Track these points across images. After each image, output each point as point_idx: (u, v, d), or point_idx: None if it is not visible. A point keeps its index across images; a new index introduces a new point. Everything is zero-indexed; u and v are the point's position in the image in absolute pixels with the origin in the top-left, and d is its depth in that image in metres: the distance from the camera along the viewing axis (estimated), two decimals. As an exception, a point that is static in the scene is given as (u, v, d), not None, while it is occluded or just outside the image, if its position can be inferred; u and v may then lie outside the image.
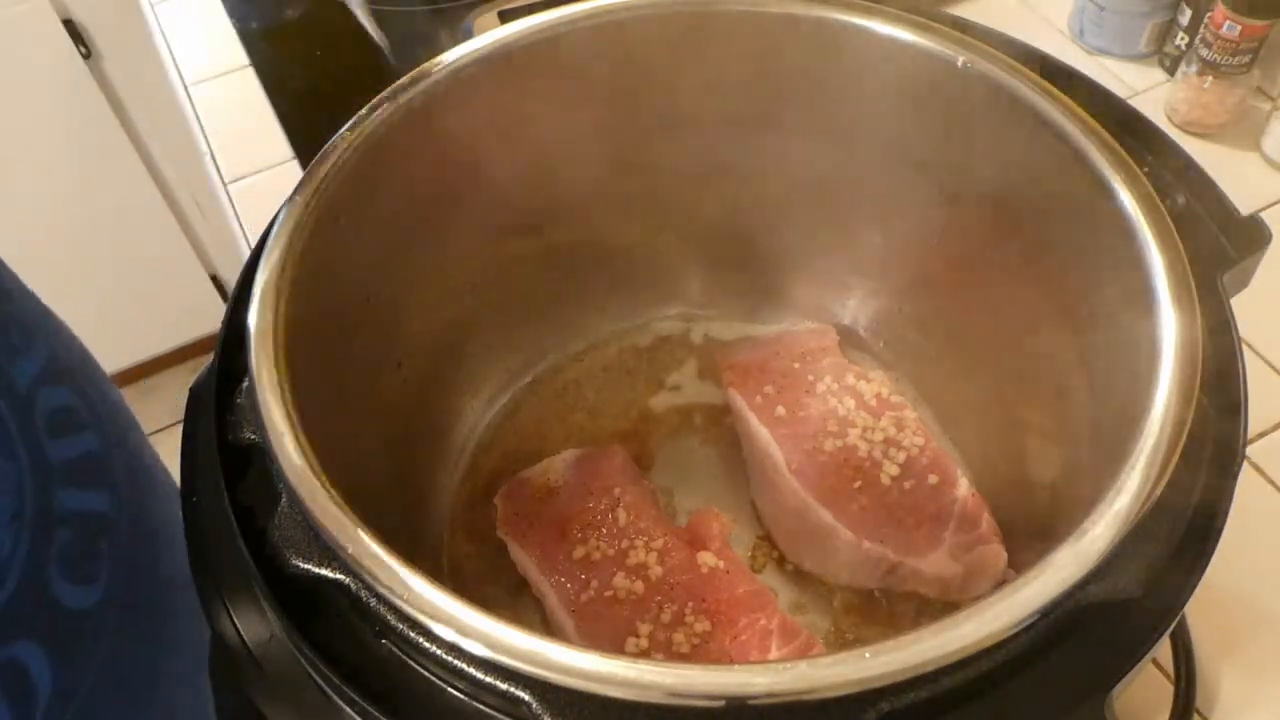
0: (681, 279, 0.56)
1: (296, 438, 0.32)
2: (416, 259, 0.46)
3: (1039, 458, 0.44)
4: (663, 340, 0.56)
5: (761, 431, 0.47)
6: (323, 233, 0.38)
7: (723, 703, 0.26)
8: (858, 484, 0.45)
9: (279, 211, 0.38)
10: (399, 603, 0.28)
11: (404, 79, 0.42)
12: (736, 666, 0.26)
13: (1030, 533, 0.44)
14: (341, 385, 0.39)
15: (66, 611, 0.38)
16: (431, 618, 0.27)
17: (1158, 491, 0.29)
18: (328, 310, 0.39)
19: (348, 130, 0.41)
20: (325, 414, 0.35)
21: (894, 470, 0.46)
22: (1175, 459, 0.29)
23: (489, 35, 0.44)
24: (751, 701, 0.26)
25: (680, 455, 0.52)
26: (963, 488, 0.45)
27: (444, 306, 0.49)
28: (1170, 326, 0.32)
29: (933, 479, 0.45)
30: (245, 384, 0.34)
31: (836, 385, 0.49)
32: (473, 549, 0.48)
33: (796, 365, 0.50)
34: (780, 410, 0.48)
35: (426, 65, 0.43)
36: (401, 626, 0.28)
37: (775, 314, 0.55)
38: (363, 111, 0.41)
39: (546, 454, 0.49)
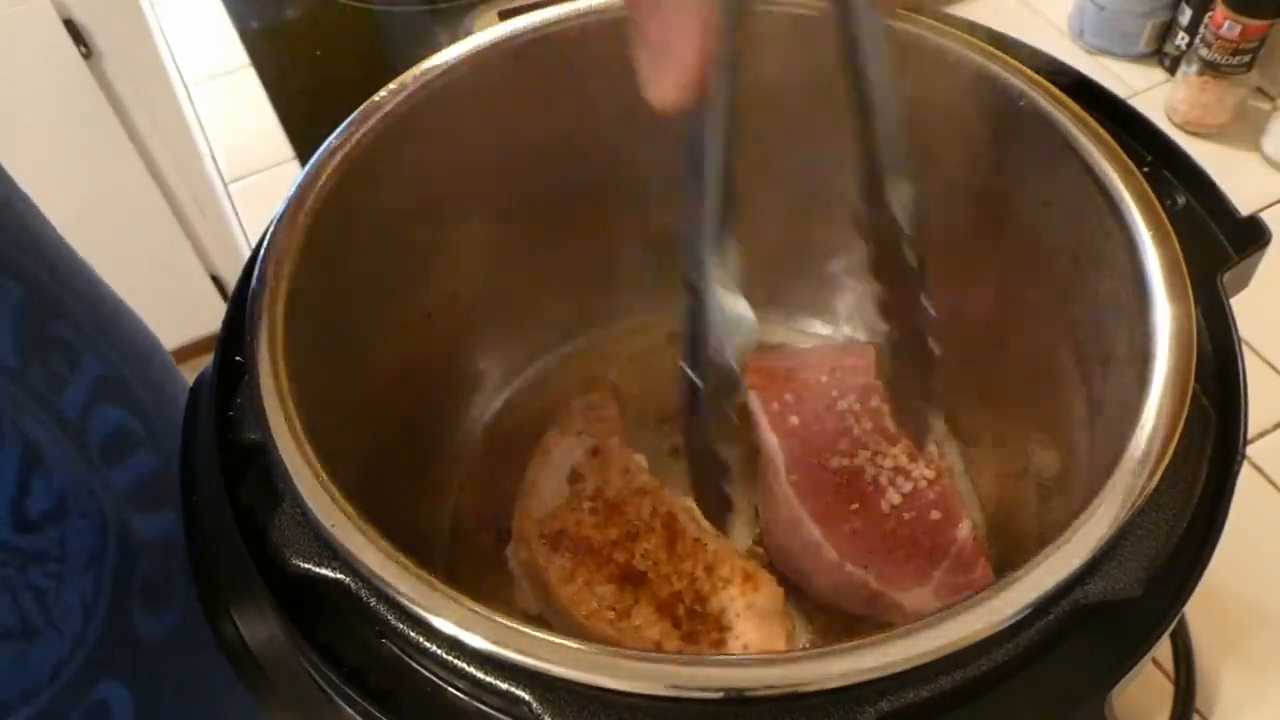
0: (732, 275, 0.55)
1: (297, 436, 0.32)
2: (423, 255, 0.46)
3: (1038, 458, 0.44)
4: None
5: (770, 437, 0.47)
6: (324, 230, 0.38)
7: (721, 694, 0.26)
8: (854, 506, 0.45)
9: (279, 210, 0.38)
10: (398, 598, 0.28)
11: (404, 75, 0.42)
12: (735, 658, 0.26)
13: (1031, 534, 0.44)
14: (343, 384, 0.39)
15: (147, 643, 0.37)
16: (430, 611, 0.27)
17: (1152, 484, 0.29)
18: (329, 309, 0.39)
19: (348, 127, 0.41)
20: (326, 413, 0.35)
21: (896, 499, 0.45)
22: (1170, 452, 0.29)
23: (490, 31, 0.44)
24: (749, 694, 0.26)
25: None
26: (964, 530, 0.44)
27: (452, 305, 0.49)
28: (1165, 322, 0.32)
29: (935, 515, 0.44)
30: (245, 383, 0.34)
31: (859, 406, 0.48)
32: (476, 544, 0.48)
33: (824, 379, 0.49)
34: (794, 420, 0.47)
35: (427, 61, 0.43)
36: (402, 625, 0.28)
37: (821, 324, 0.55)
38: (363, 107, 0.41)
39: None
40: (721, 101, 0.28)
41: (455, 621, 0.27)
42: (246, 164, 0.73)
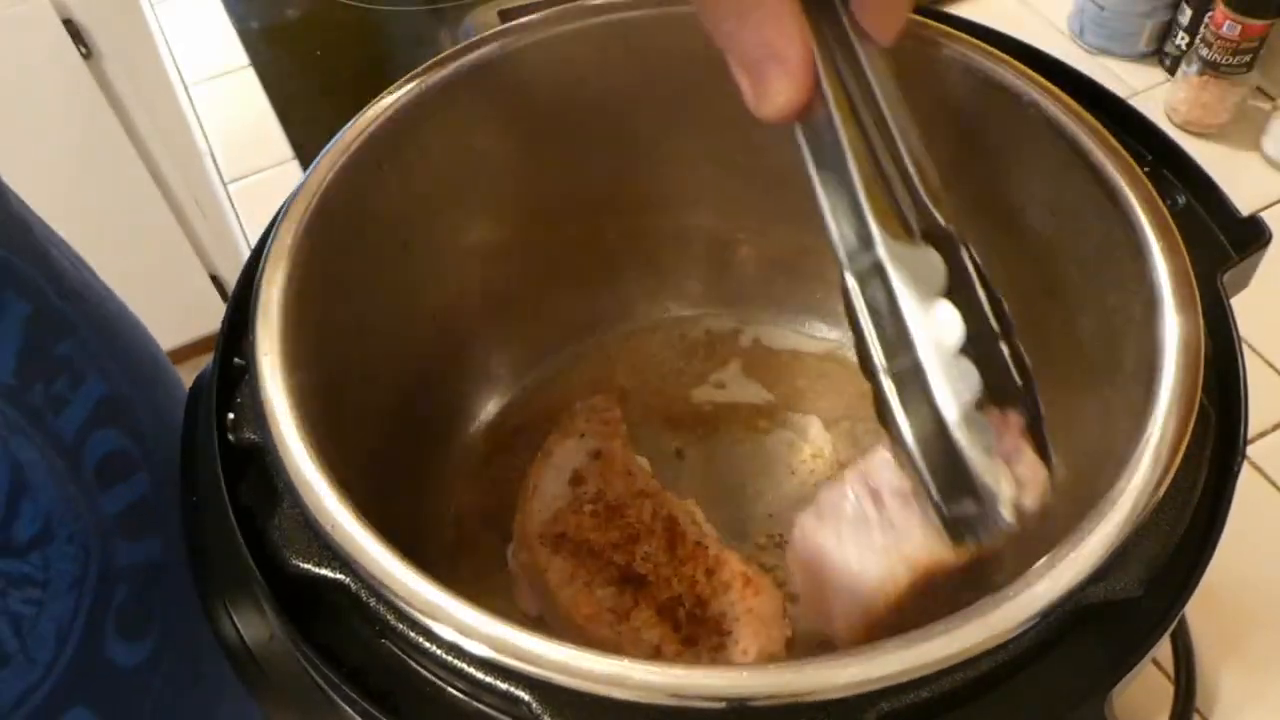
0: (740, 279, 0.56)
1: (297, 436, 0.32)
2: (425, 255, 0.46)
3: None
4: (712, 336, 0.56)
5: None
6: (324, 230, 0.38)
7: (723, 704, 0.26)
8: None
9: (279, 210, 0.38)
10: (399, 602, 0.28)
11: (405, 75, 0.42)
12: (738, 668, 0.26)
13: (1034, 536, 0.44)
14: (344, 384, 0.39)
15: (119, 670, 0.37)
16: (431, 617, 0.27)
17: (1159, 494, 0.29)
18: (329, 309, 0.39)
19: (349, 127, 0.41)
20: (327, 413, 0.35)
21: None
22: (1178, 460, 0.29)
23: (491, 31, 0.44)
24: (752, 703, 0.26)
25: (705, 451, 0.52)
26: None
27: (455, 305, 0.49)
28: (1173, 334, 0.32)
29: None
30: (245, 383, 0.34)
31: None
32: (478, 545, 0.48)
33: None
34: None
35: (428, 61, 0.43)
36: (402, 626, 0.28)
37: (826, 328, 0.55)
38: (363, 108, 0.41)
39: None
40: (834, 89, 0.28)
41: (455, 627, 0.27)
42: (246, 164, 0.73)
